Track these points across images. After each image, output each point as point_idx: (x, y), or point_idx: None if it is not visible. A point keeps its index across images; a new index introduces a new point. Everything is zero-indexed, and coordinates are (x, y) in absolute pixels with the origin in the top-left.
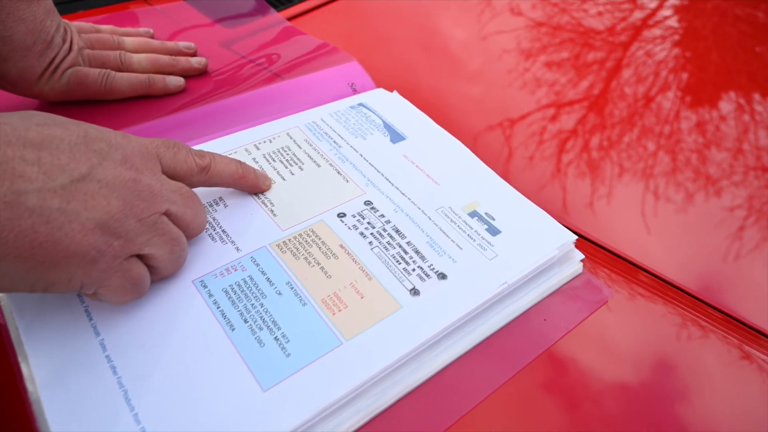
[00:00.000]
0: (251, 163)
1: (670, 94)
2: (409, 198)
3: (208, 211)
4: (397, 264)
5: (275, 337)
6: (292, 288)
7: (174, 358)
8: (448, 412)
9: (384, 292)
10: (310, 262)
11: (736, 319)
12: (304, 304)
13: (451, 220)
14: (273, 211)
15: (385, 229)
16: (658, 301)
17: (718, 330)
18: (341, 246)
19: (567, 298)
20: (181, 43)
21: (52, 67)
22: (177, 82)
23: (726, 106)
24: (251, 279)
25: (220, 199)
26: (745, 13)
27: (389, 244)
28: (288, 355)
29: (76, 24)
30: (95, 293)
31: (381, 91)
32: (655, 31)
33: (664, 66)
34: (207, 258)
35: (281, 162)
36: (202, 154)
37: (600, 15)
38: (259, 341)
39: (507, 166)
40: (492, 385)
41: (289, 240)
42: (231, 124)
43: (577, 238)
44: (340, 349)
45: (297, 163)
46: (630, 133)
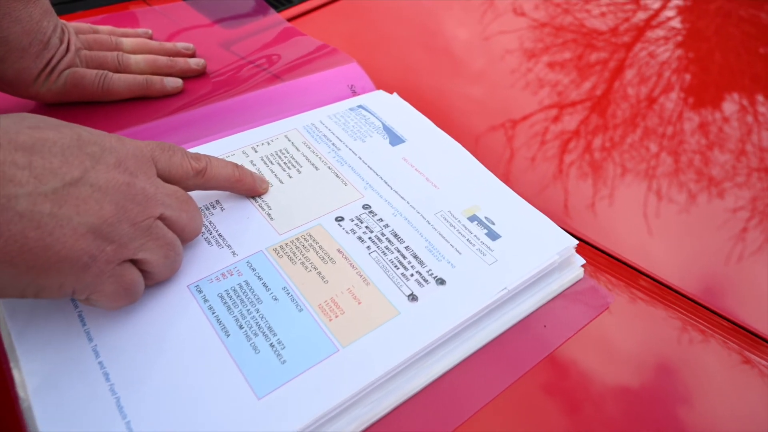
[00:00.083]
0: (248, 166)
1: (673, 95)
2: (408, 202)
3: (204, 214)
4: (395, 269)
5: (271, 344)
6: (289, 293)
7: (168, 365)
8: (446, 420)
9: (382, 297)
10: (306, 267)
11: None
12: (301, 310)
13: (451, 225)
14: (270, 214)
15: (383, 234)
16: (659, 306)
17: (718, 335)
18: (339, 251)
19: (568, 303)
20: (180, 44)
21: (49, 68)
22: (175, 83)
23: (729, 107)
24: (247, 284)
25: (217, 202)
26: (749, 14)
27: (387, 248)
28: (283, 362)
29: (74, 25)
30: (88, 298)
31: (381, 93)
32: (658, 32)
33: (667, 67)
34: (202, 262)
35: (279, 165)
36: (197, 157)
37: (603, 16)
38: (255, 348)
39: (509, 167)
40: (491, 392)
41: (286, 244)
42: (229, 126)
43: (578, 243)
44: (337, 356)
45: (295, 166)
46: (632, 134)
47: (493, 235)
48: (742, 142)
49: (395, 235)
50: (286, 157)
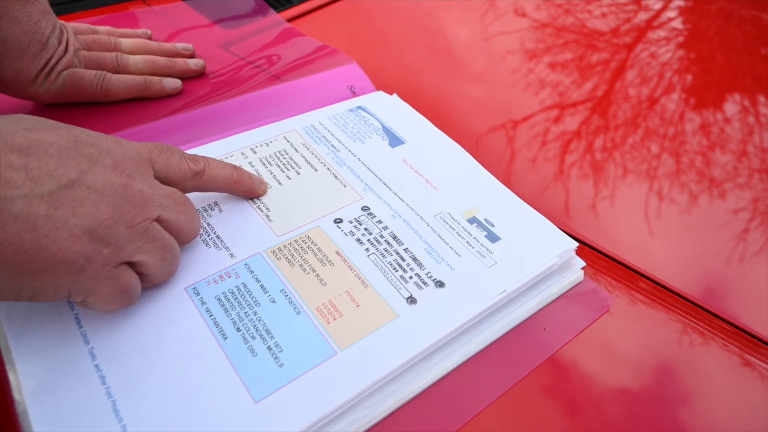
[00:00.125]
0: (247, 167)
1: (674, 95)
2: (407, 203)
3: (202, 216)
4: (393, 271)
5: (268, 347)
6: (287, 296)
7: (164, 368)
8: (445, 423)
9: (380, 300)
10: (305, 269)
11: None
12: (299, 313)
13: (450, 227)
14: (269, 216)
15: (382, 236)
16: (659, 309)
17: (719, 338)
18: (337, 253)
19: (567, 306)
20: (179, 45)
21: (47, 68)
22: (174, 84)
23: (730, 107)
24: (245, 286)
25: (215, 203)
26: (750, 15)
27: (386, 251)
28: (281, 365)
29: (73, 25)
30: (84, 301)
31: (380, 93)
32: (660, 33)
33: (669, 67)
34: (200, 264)
35: (278, 166)
36: (195, 158)
37: (604, 16)
38: (252, 351)
39: (509, 168)
40: (490, 396)
41: (285, 246)
42: (228, 127)
43: (579, 245)
44: (335, 359)
45: (294, 168)
46: (634, 135)
47: (492, 238)
48: (743, 143)
49: (394, 237)
50: (285, 158)
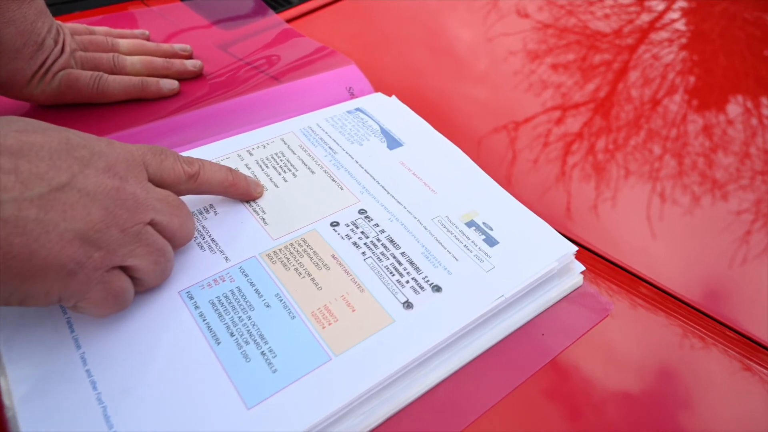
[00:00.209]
0: (243, 170)
1: (677, 97)
2: (404, 206)
3: (197, 218)
4: (390, 276)
5: (262, 352)
6: (281, 300)
7: (156, 374)
8: (441, 430)
9: (376, 305)
10: (300, 273)
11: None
12: (293, 318)
13: (448, 230)
14: (264, 219)
15: (379, 239)
16: (659, 314)
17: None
18: (333, 256)
19: (566, 311)
20: (177, 45)
21: (43, 69)
22: (171, 85)
23: (733, 109)
24: (239, 290)
25: (211, 206)
26: (754, 17)
27: (383, 254)
28: (274, 370)
29: (70, 26)
30: (75, 306)
31: (379, 95)
32: (663, 34)
33: (671, 69)
34: (194, 268)
35: (274, 168)
36: (190, 161)
37: (607, 17)
38: (245, 356)
39: (510, 170)
40: (488, 401)
41: (280, 250)
42: (225, 129)
43: (578, 249)
44: (329, 365)
45: (291, 170)
46: (636, 136)
47: (491, 241)
48: (746, 145)
49: (391, 241)
50: (281, 160)
